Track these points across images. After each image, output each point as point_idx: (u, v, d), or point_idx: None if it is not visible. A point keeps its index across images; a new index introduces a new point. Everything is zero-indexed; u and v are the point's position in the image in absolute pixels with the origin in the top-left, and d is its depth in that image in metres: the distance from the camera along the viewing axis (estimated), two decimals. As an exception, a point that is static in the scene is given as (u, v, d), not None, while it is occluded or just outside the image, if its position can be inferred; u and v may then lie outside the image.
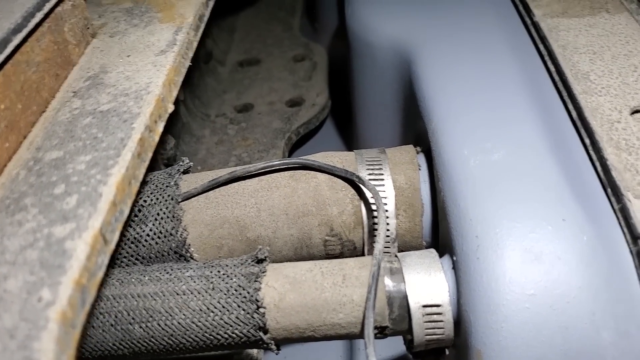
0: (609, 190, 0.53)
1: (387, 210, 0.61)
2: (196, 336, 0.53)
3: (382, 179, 0.62)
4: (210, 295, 0.53)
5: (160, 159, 0.92)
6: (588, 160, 0.57)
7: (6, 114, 0.50)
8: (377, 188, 0.61)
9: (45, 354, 0.35)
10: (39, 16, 0.54)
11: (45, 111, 0.56)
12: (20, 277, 0.39)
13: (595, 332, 0.46)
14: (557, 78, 0.66)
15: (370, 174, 0.63)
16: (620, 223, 0.51)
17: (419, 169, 0.63)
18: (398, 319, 0.53)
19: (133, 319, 0.53)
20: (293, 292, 0.53)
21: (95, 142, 0.50)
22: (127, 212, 0.46)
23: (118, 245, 0.60)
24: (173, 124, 0.97)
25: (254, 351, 0.73)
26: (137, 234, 0.60)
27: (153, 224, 0.60)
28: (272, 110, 1.09)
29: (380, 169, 0.63)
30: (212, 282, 0.54)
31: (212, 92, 1.15)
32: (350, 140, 1.12)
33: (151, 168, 0.58)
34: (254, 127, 1.05)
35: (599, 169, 0.55)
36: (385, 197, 0.62)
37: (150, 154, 0.51)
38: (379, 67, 0.81)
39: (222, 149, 1.01)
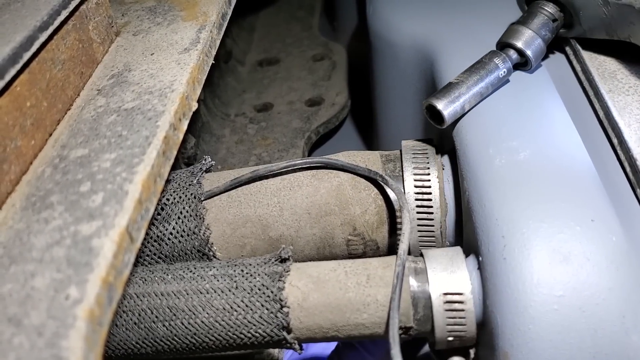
0: (638, 190, 0.52)
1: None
2: (219, 335, 0.53)
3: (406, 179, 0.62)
4: (233, 294, 0.53)
5: (181, 157, 0.92)
6: (616, 159, 0.56)
7: (32, 111, 0.50)
8: (401, 188, 0.61)
9: (74, 352, 0.34)
10: (64, 14, 0.54)
11: (70, 109, 0.56)
12: (47, 274, 0.39)
13: (625, 335, 0.46)
14: (583, 77, 0.65)
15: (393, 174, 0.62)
16: (650, 224, 0.50)
17: (443, 169, 0.63)
18: (423, 320, 0.52)
19: (156, 317, 0.53)
20: (317, 291, 0.53)
21: (120, 140, 0.50)
22: (152, 210, 0.46)
23: (141, 243, 0.60)
24: (193, 123, 0.97)
25: (275, 350, 0.73)
26: (160, 232, 0.60)
27: (176, 223, 0.60)
28: (292, 109, 1.09)
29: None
30: (235, 281, 0.53)
31: (231, 91, 1.15)
32: (370, 140, 1.11)
33: (172, 167, 0.58)
34: (273, 126, 1.05)
35: (628, 168, 0.54)
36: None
37: (175, 152, 0.51)
38: (400, 66, 0.80)
39: (242, 148, 1.01)
